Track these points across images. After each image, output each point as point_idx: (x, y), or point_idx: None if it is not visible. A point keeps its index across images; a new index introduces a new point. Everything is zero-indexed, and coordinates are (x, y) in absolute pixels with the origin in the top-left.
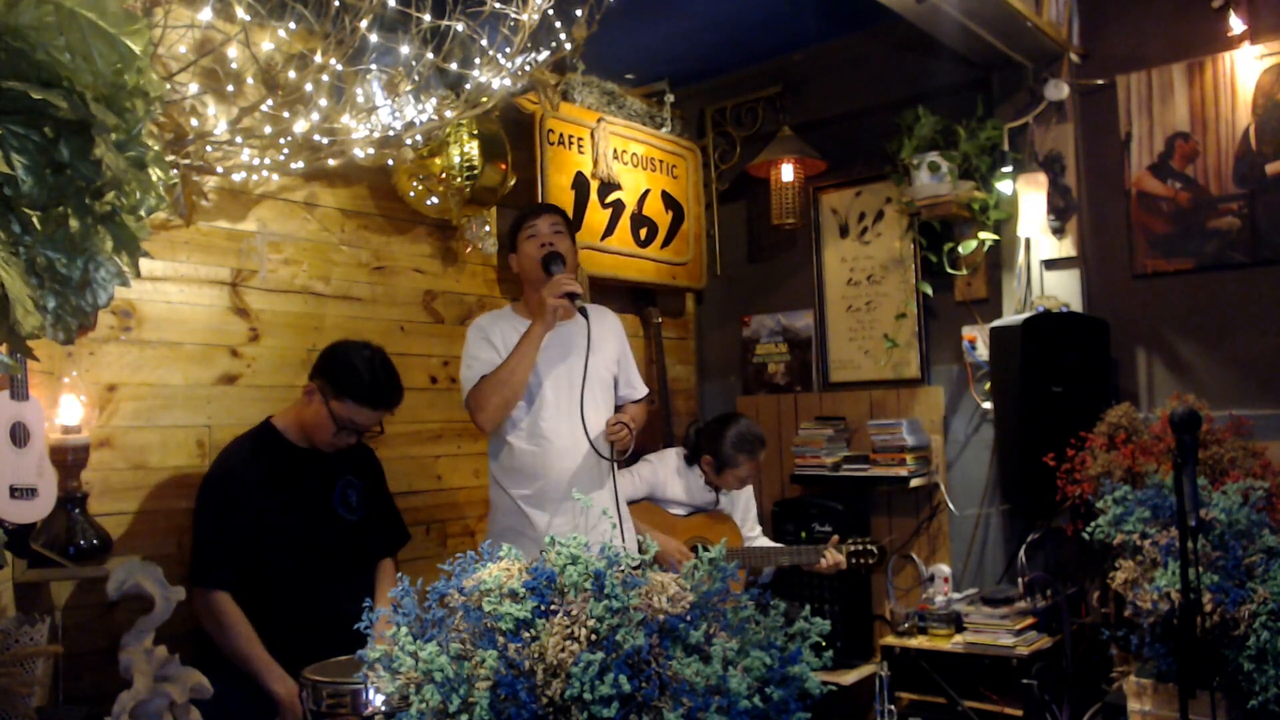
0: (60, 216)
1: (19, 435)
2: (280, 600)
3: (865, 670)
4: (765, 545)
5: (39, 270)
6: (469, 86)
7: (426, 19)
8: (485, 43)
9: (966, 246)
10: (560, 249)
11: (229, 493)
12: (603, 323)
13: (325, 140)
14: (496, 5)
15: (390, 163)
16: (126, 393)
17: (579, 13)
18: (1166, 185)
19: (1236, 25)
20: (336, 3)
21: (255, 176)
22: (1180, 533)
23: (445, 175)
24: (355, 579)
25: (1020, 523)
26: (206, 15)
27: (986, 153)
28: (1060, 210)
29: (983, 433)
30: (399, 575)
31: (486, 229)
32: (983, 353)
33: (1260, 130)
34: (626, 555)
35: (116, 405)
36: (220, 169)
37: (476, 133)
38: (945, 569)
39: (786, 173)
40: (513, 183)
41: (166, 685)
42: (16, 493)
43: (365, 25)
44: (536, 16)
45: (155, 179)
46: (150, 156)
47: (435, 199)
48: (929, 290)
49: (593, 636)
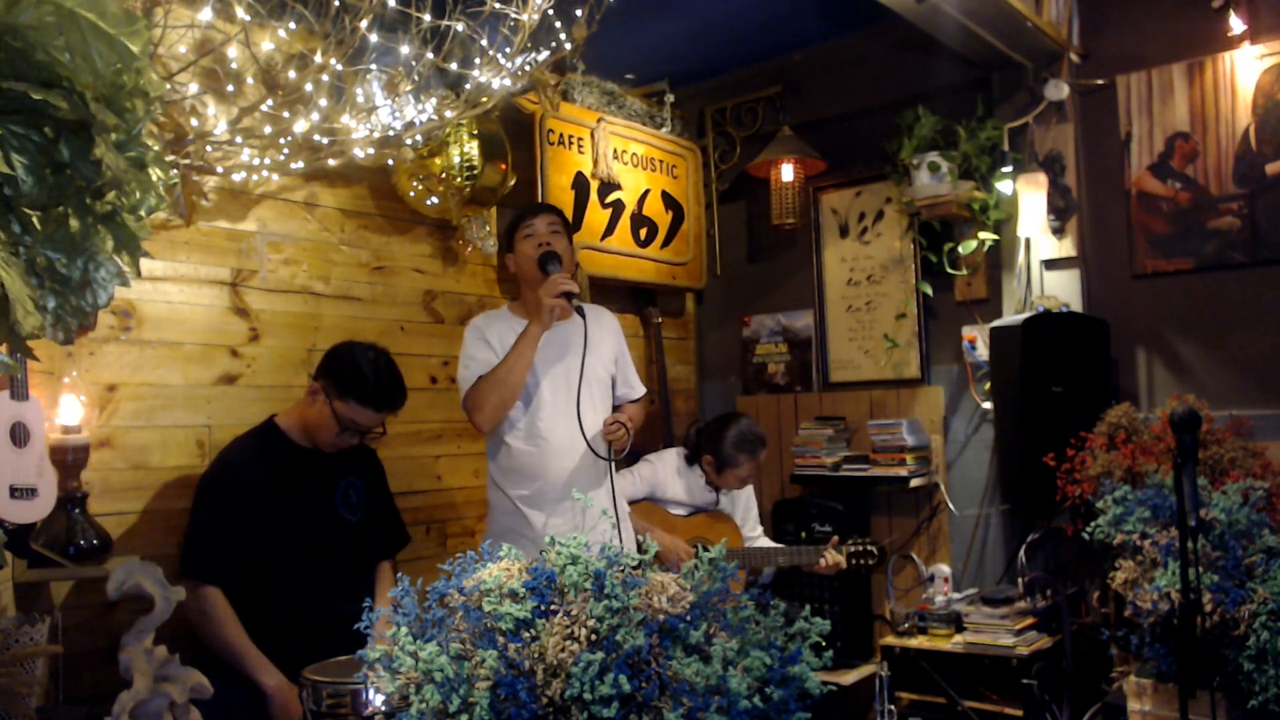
0: (60, 216)
1: (19, 435)
2: (280, 600)
3: (865, 670)
4: (765, 546)
5: (39, 270)
6: (469, 86)
7: (426, 19)
8: (485, 43)
9: (966, 246)
10: (557, 248)
11: (229, 490)
12: (600, 322)
13: (325, 140)
14: (496, 5)
15: (390, 163)
16: (126, 393)
17: (579, 13)
18: (1166, 185)
19: (1236, 25)
20: (336, 3)
21: (255, 176)
22: (1180, 533)
23: (445, 175)
24: (355, 579)
25: (1020, 523)
26: (206, 15)
27: (986, 153)
28: (1060, 210)
29: (983, 433)
30: (399, 575)
31: (486, 229)
32: (983, 353)
33: (1260, 130)
34: (626, 555)
35: (116, 405)
36: (220, 169)
37: (476, 133)
38: (945, 569)
39: (786, 173)
40: (513, 183)
41: (166, 685)
42: (16, 493)
43: (365, 25)
44: (536, 16)
45: (155, 179)
46: (150, 156)
47: (435, 199)
48: (929, 290)
49: (593, 636)
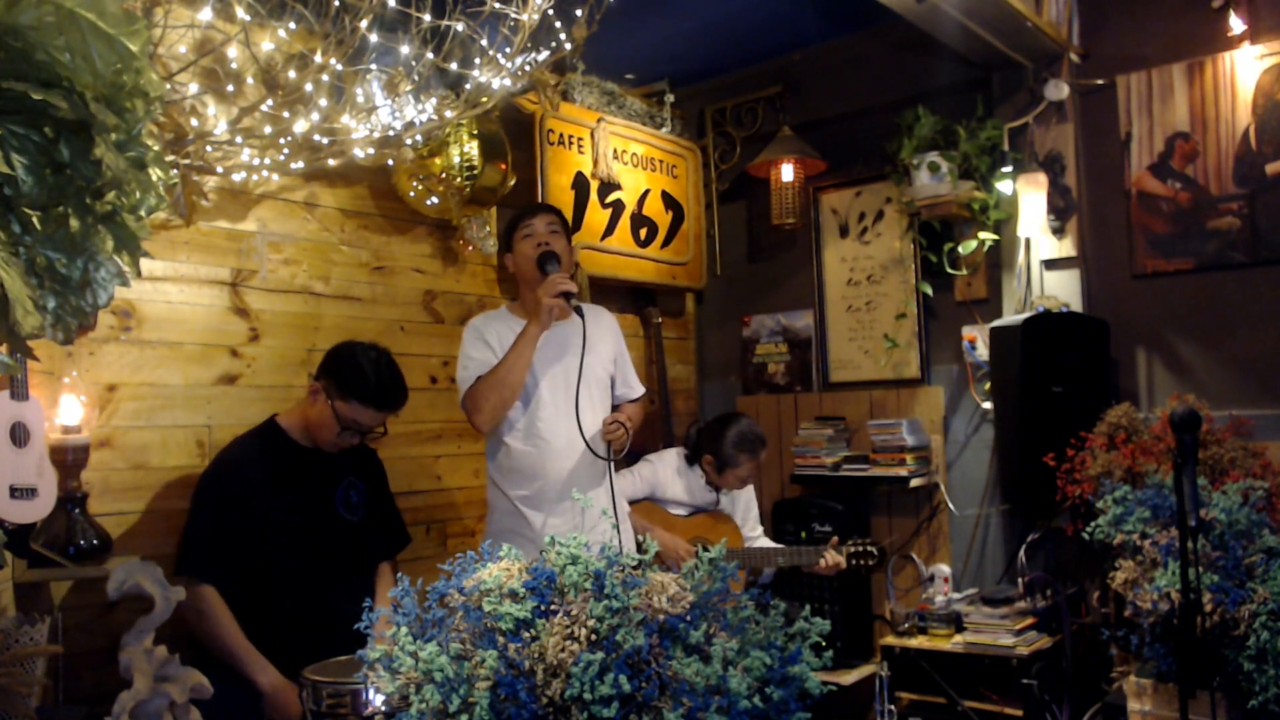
0: (60, 216)
1: (19, 435)
2: (280, 600)
3: (865, 670)
4: (765, 546)
5: (39, 270)
6: (469, 86)
7: (426, 19)
8: (485, 43)
9: (966, 246)
10: (556, 248)
11: (229, 489)
12: (599, 322)
13: (325, 140)
14: (496, 5)
15: (390, 163)
16: (126, 393)
17: (579, 13)
18: (1166, 185)
19: (1236, 25)
20: (336, 3)
21: (255, 176)
22: (1180, 533)
23: (445, 175)
24: (355, 579)
25: (1020, 523)
26: (206, 15)
27: (986, 153)
28: (1060, 210)
29: (983, 433)
30: (399, 575)
31: (486, 229)
32: (983, 353)
33: (1260, 130)
34: (626, 555)
35: (116, 405)
36: (220, 169)
37: (476, 133)
38: (945, 569)
39: (786, 173)
40: (513, 183)
41: (166, 685)
42: (16, 493)
43: (365, 25)
44: (536, 16)
45: (155, 179)
46: (150, 156)
47: (435, 199)
48: (929, 290)
49: (593, 636)
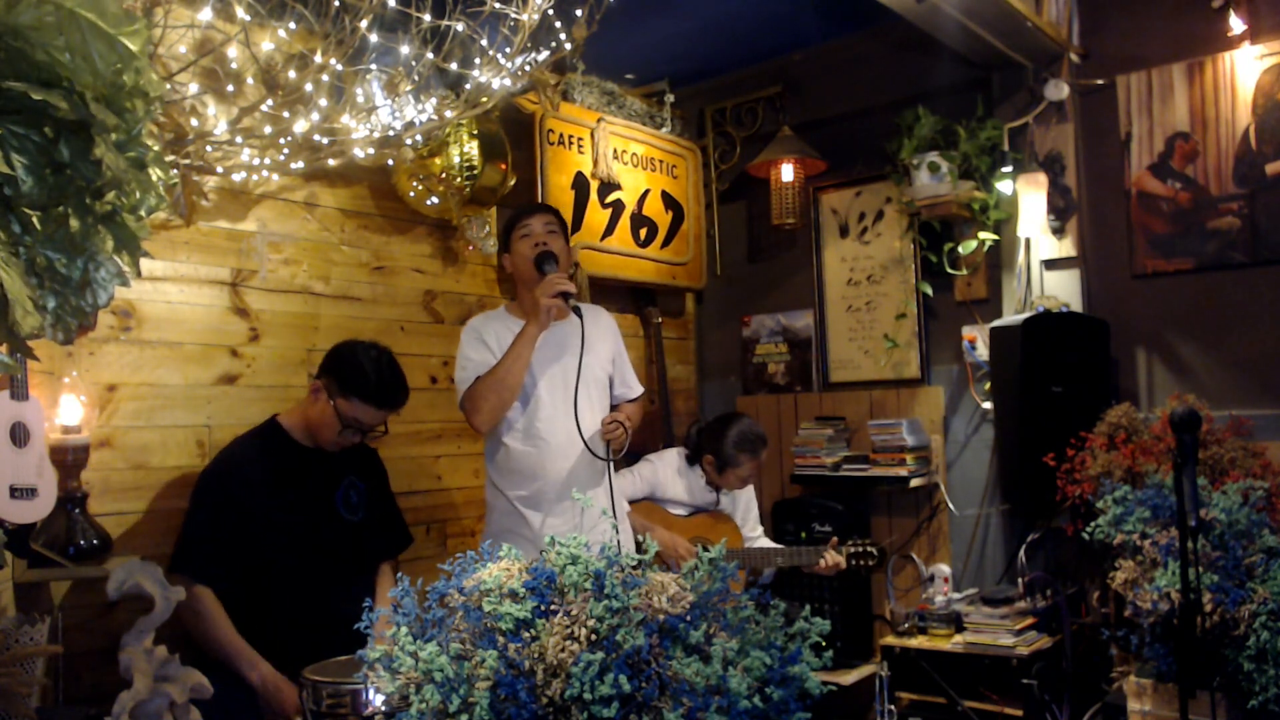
0: (60, 216)
1: (19, 435)
2: (280, 600)
3: (865, 670)
4: (765, 546)
5: (39, 270)
6: (469, 86)
7: (426, 19)
8: (485, 43)
9: (966, 246)
10: (554, 248)
11: (228, 489)
12: (597, 322)
13: (325, 140)
14: (496, 5)
15: (390, 163)
16: (126, 393)
17: (579, 13)
18: (1166, 185)
19: (1236, 25)
20: (336, 3)
21: (255, 176)
22: (1180, 533)
23: (445, 175)
24: (356, 579)
25: (1020, 523)
26: (206, 15)
27: (986, 153)
28: (1060, 210)
29: (983, 433)
30: (399, 575)
31: (486, 229)
32: (983, 353)
33: (1260, 130)
34: (626, 555)
35: (116, 405)
36: (220, 169)
37: (476, 133)
38: (945, 569)
39: (786, 173)
40: (513, 183)
41: (166, 685)
42: (16, 493)
43: (365, 25)
44: (536, 16)
45: (155, 179)
46: (150, 156)
47: (435, 199)
48: (929, 290)
49: (593, 636)
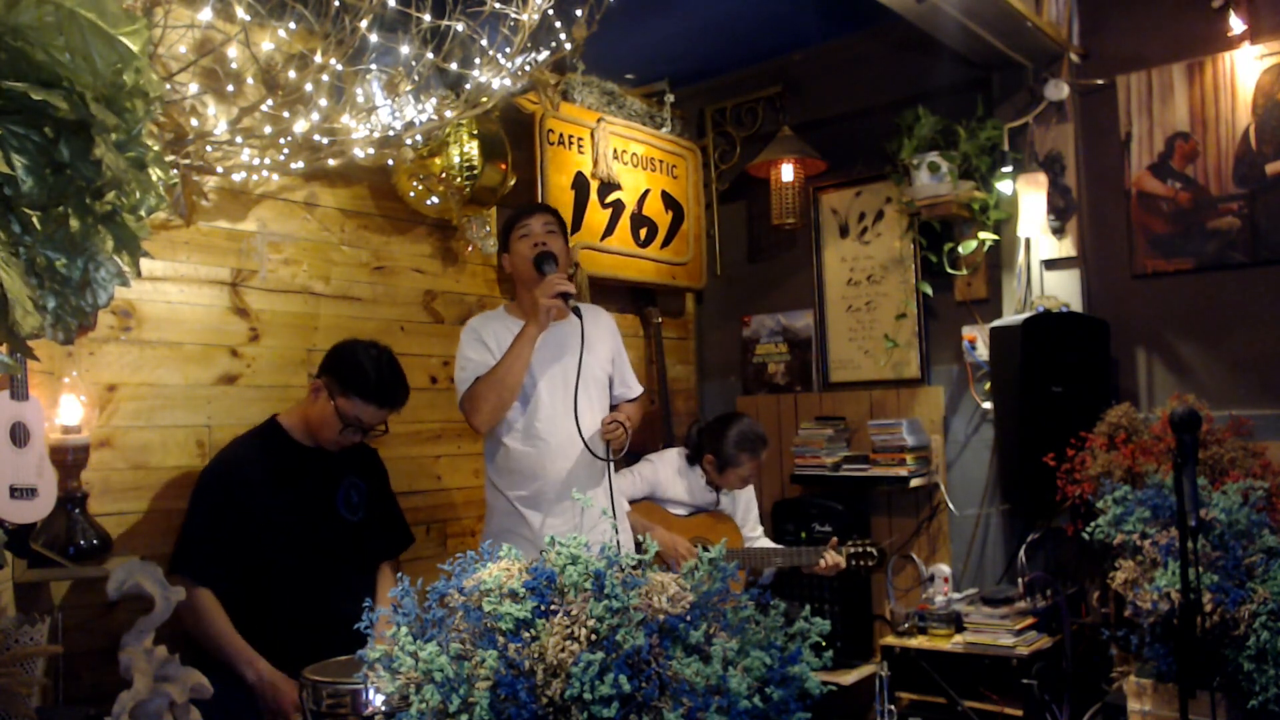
0: (60, 216)
1: (19, 435)
2: (280, 599)
3: (865, 670)
4: (765, 546)
5: (39, 270)
6: (469, 86)
7: (426, 19)
8: (485, 43)
9: (966, 246)
10: (553, 248)
11: (228, 489)
12: (596, 322)
13: (325, 140)
14: (496, 5)
15: (390, 163)
16: (126, 393)
17: (579, 13)
18: (1166, 185)
19: (1236, 25)
20: (336, 3)
21: (255, 176)
22: (1180, 533)
23: (445, 175)
24: (356, 579)
25: (1020, 523)
26: (206, 15)
27: (986, 153)
28: (1060, 210)
29: (983, 433)
30: (399, 575)
31: (486, 229)
32: (983, 353)
33: (1260, 130)
34: (626, 555)
35: (116, 405)
36: (220, 169)
37: (476, 133)
38: (945, 569)
39: (786, 173)
40: (513, 183)
41: (166, 685)
42: (16, 493)
43: (365, 25)
44: (536, 16)
45: (155, 179)
46: (150, 156)
47: (435, 199)
48: (929, 290)
49: (593, 636)
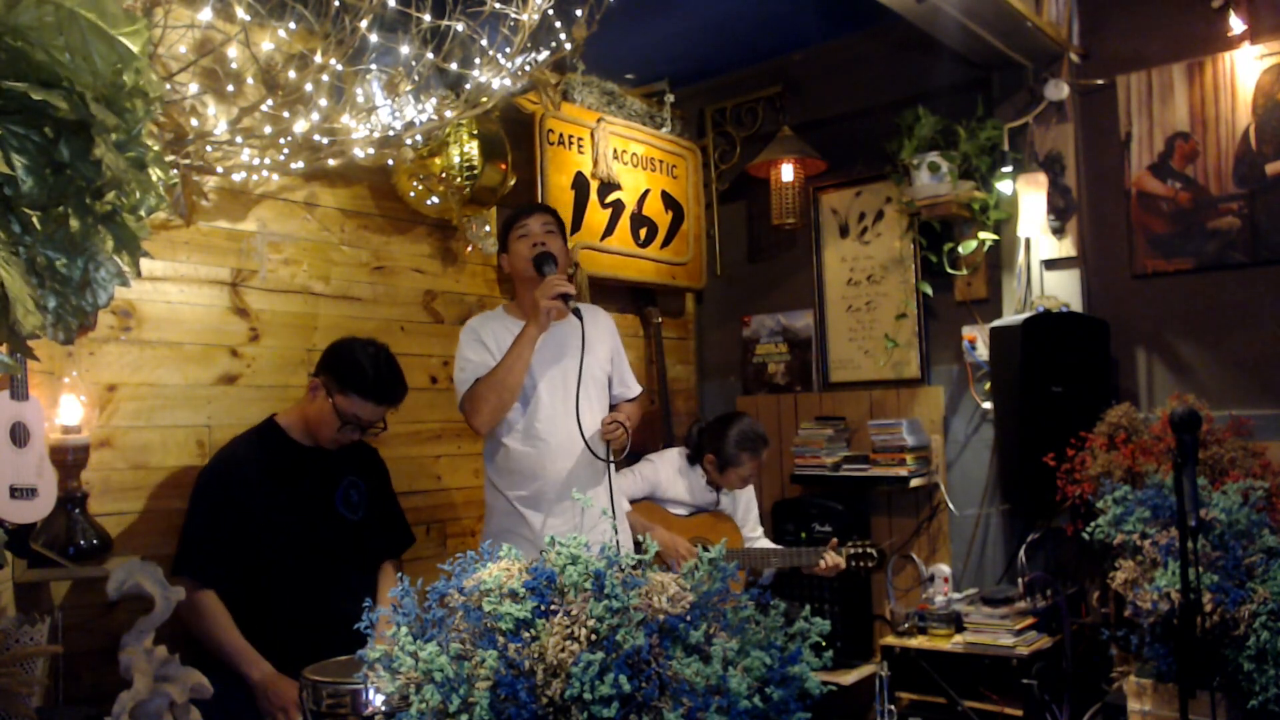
0: (60, 216)
1: (19, 435)
2: (280, 599)
3: (865, 670)
4: (765, 547)
5: (39, 270)
6: (469, 86)
7: (426, 19)
8: (485, 43)
9: (966, 246)
10: (552, 249)
11: (228, 489)
12: (596, 322)
13: (325, 140)
14: (496, 5)
15: (390, 163)
16: (126, 393)
17: (579, 13)
18: (1166, 185)
19: (1236, 25)
20: (336, 3)
21: (255, 176)
22: (1180, 533)
23: (445, 175)
24: (356, 579)
25: (1020, 523)
26: (206, 15)
27: (986, 153)
28: (1060, 210)
29: (983, 433)
30: (399, 575)
31: (486, 229)
32: (983, 353)
33: (1260, 130)
34: (626, 555)
35: (116, 405)
36: (220, 169)
37: (476, 133)
38: (945, 569)
39: (786, 173)
40: (513, 183)
41: (166, 685)
42: (16, 493)
43: (365, 25)
44: (536, 16)
45: (155, 179)
46: (150, 156)
47: (435, 199)
48: (929, 290)
49: (593, 636)
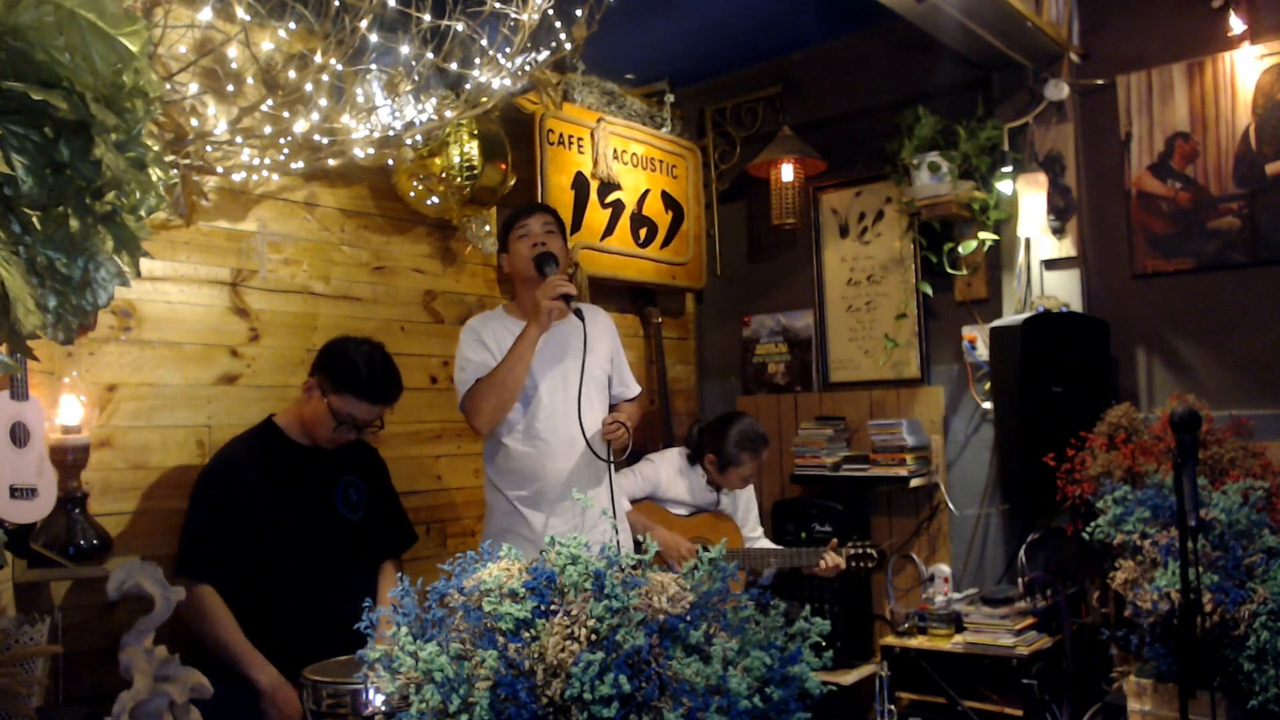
0: (60, 216)
1: (19, 435)
2: (280, 599)
3: (865, 670)
4: (765, 547)
5: (39, 270)
6: (469, 86)
7: (426, 19)
8: (485, 43)
9: (966, 246)
10: (553, 249)
11: (227, 489)
12: (596, 323)
13: (325, 140)
14: (496, 5)
15: (390, 163)
16: (126, 393)
17: (579, 13)
18: (1166, 185)
19: (1236, 25)
20: (336, 3)
21: (255, 176)
22: (1180, 533)
23: (445, 175)
24: (356, 579)
25: (1020, 523)
26: (206, 15)
27: (986, 153)
28: (1060, 210)
29: (983, 433)
30: (399, 575)
31: (486, 229)
32: (983, 353)
33: (1260, 130)
34: (626, 555)
35: (116, 405)
36: (220, 169)
37: (476, 133)
38: (945, 569)
39: (786, 173)
40: (513, 183)
41: (166, 685)
42: (16, 493)
43: (365, 25)
44: (536, 16)
45: (155, 179)
46: (150, 156)
47: (435, 199)
48: (929, 290)
49: (593, 636)
